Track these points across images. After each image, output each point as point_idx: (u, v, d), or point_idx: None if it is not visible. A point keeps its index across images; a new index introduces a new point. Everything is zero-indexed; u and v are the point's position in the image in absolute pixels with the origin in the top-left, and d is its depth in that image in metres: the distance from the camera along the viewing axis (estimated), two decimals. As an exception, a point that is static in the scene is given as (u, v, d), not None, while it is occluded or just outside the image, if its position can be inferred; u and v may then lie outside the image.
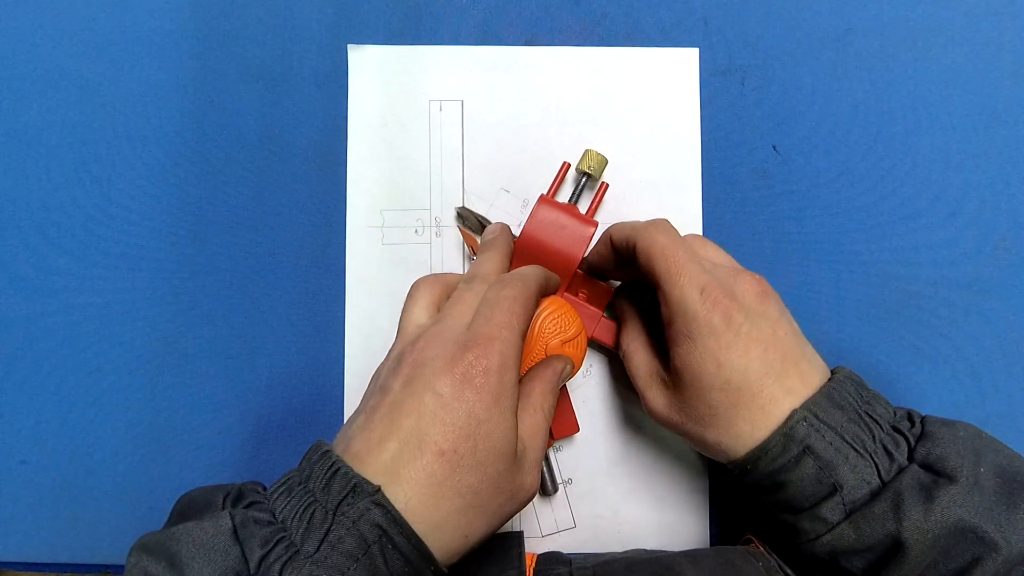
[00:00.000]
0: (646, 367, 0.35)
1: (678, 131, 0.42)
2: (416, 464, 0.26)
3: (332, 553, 0.25)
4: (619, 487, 0.41)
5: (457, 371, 0.27)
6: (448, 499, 0.26)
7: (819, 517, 0.29)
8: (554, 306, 0.36)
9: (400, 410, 0.27)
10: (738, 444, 0.31)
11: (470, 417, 0.27)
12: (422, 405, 0.27)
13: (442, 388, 0.27)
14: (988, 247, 0.41)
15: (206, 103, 0.42)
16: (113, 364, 0.41)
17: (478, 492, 0.27)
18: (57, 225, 0.42)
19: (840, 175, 0.42)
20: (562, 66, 0.42)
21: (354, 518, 0.25)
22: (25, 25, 0.42)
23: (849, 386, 0.31)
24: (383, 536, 0.25)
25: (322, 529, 0.25)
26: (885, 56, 0.42)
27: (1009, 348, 0.41)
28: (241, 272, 0.42)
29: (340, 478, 0.26)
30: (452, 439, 0.26)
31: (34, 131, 0.42)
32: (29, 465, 0.41)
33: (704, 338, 0.30)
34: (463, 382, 0.27)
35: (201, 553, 0.25)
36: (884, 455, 0.29)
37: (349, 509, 0.26)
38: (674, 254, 0.32)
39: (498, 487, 0.28)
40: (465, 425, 0.27)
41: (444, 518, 0.26)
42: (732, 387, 0.30)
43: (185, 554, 0.25)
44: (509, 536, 0.37)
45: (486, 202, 0.42)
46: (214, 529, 0.25)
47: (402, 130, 0.42)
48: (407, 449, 0.26)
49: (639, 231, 0.33)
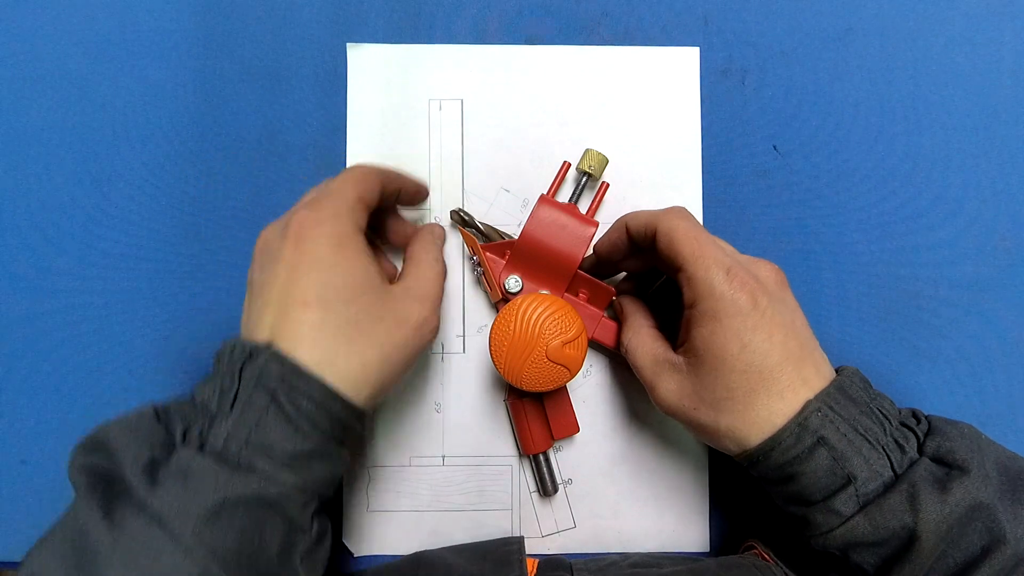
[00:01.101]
0: (653, 356, 0.35)
1: (678, 131, 0.42)
2: (290, 318, 0.29)
3: (246, 410, 0.28)
4: (619, 487, 0.41)
5: (291, 233, 0.31)
6: (328, 336, 0.29)
7: (832, 509, 0.29)
8: (554, 306, 0.36)
9: (267, 284, 0.31)
10: (752, 431, 0.30)
11: (318, 264, 0.30)
12: (277, 274, 0.30)
13: (287, 253, 0.30)
14: (988, 247, 0.41)
15: (206, 103, 0.42)
16: (113, 364, 0.41)
17: (356, 323, 0.30)
18: (57, 225, 0.42)
19: (840, 175, 0.42)
20: (562, 66, 0.42)
21: (256, 375, 0.28)
22: (25, 25, 0.42)
23: (858, 381, 0.31)
24: (283, 383, 0.28)
25: (231, 393, 0.28)
26: (885, 56, 0.42)
27: (1009, 348, 0.41)
28: (241, 272, 0.41)
29: (238, 349, 0.29)
30: (311, 288, 0.29)
31: (34, 131, 0.42)
32: (29, 465, 0.41)
33: (731, 317, 0.31)
34: (298, 240, 0.30)
35: (128, 435, 0.28)
36: (896, 448, 0.30)
37: (250, 370, 0.28)
38: (697, 236, 0.32)
39: (377, 316, 0.31)
40: (317, 273, 0.30)
41: (330, 353, 0.29)
42: (754, 370, 0.30)
43: (114, 440, 0.28)
44: (509, 541, 0.37)
45: (486, 202, 0.42)
46: (137, 415, 0.29)
47: (402, 129, 0.42)
48: (280, 310, 0.30)
49: (659, 216, 0.34)
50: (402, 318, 0.32)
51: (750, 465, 0.32)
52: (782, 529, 0.36)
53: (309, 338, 0.29)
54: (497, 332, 0.36)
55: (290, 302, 0.29)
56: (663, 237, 0.33)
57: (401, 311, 0.32)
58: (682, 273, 0.32)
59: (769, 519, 0.40)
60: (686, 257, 0.32)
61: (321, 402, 0.28)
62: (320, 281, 0.30)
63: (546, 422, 0.39)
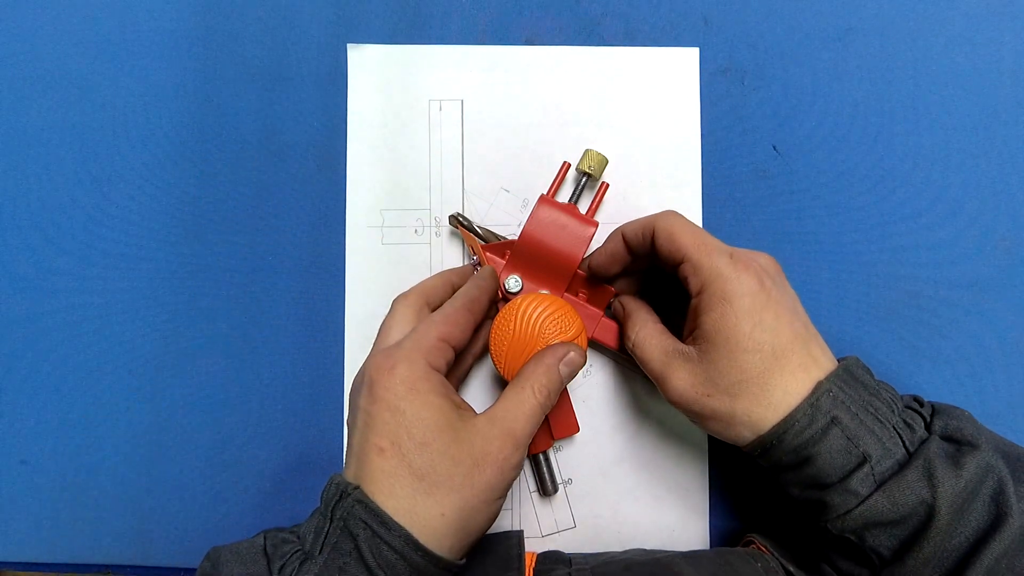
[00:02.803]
0: (662, 348, 0.34)
1: (678, 131, 0.42)
2: (369, 466, 0.29)
3: (332, 553, 0.28)
4: (619, 487, 0.41)
5: (367, 379, 0.31)
6: (406, 484, 0.29)
7: (850, 490, 0.29)
8: (554, 306, 0.36)
9: (351, 430, 0.32)
10: (769, 413, 0.30)
11: (390, 411, 0.30)
12: (356, 420, 0.31)
13: (363, 399, 0.31)
14: (988, 247, 0.41)
15: (206, 103, 0.42)
16: (113, 364, 0.41)
17: (433, 469, 0.29)
18: (57, 225, 0.42)
19: (840, 175, 0.42)
20: (562, 66, 0.42)
21: (344, 517, 0.29)
22: (25, 25, 0.42)
23: (863, 367, 0.32)
24: (366, 528, 0.28)
25: (323, 533, 0.29)
26: (885, 56, 0.42)
27: (1009, 348, 0.41)
28: (241, 272, 0.42)
29: (333, 487, 0.30)
30: (385, 434, 0.30)
31: (34, 131, 0.42)
32: (29, 465, 0.41)
33: (740, 297, 0.31)
34: (373, 386, 0.31)
35: (235, 560, 0.30)
36: (906, 427, 0.30)
37: (339, 511, 0.29)
38: (694, 229, 0.33)
39: (453, 459, 0.30)
40: (390, 419, 0.30)
41: (409, 502, 0.29)
42: (767, 349, 0.30)
43: (224, 560, 0.30)
44: (509, 535, 0.37)
45: (486, 202, 0.42)
46: (249, 544, 0.31)
47: (402, 130, 0.42)
48: (360, 457, 0.30)
49: (655, 217, 0.35)
50: (480, 458, 0.30)
51: (762, 453, 0.31)
52: (782, 525, 0.36)
53: (387, 486, 0.29)
54: (497, 331, 0.36)
55: (367, 448, 0.30)
56: (662, 233, 0.34)
57: (480, 451, 0.30)
58: (686, 264, 0.33)
59: (769, 518, 0.40)
60: (688, 247, 0.32)
61: (402, 551, 0.28)
62: (392, 428, 0.30)
63: (546, 422, 0.39)
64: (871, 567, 0.30)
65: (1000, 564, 0.27)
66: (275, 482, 0.41)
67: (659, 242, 0.34)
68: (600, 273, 0.38)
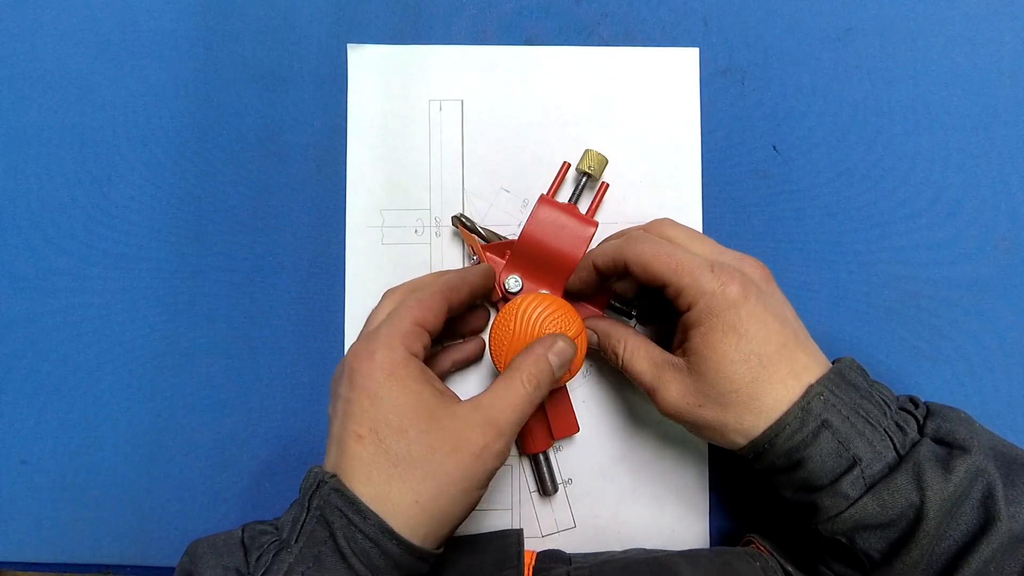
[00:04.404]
0: (651, 360, 0.34)
1: (678, 131, 0.42)
2: (347, 453, 0.30)
3: (308, 541, 0.28)
4: (619, 487, 0.41)
5: (346, 367, 0.31)
6: (383, 470, 0.29)
7: (840, 492, 0.29)
8: (554, 306, 0.36)
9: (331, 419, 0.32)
10: (760, 420, 0.31)
11: (369, 398, 0.30)
12: (336, 409, 0.31)
13: (343, 388, 0.31)
14: (988, 247, 0.41)
15: (206, 103, 0.42)
16: (113, 364, 0.41)
17: (409, 454, 0.29)
18: (57, 225, 0.42)
19: (840, 175, 0.42)
20: (562, 66, 0.42)
21: (320, 506, 0.29)
22: (25, 25, 0.42)
23: (856, 369, 0.32)
24: (342, 516, 0.28)
25: (299, 522, 0.29)
26: (885, 56, 0.42)
27: (1009, 348, 0.41)
28: (241, 272, 0.42)
29: (311, 477, 0.30)
30: (364, 422, 0.30)
31: (34, 131, 0.42)
32: (29, 465, 0.41)
33: (725, 311, 0.31)
34: (353, 374, 0.31)
35: (213, 553, 0.29)
36: (897, 430, 0.30)
37: (316, 500, 0.29)
38: (668, 252, 0.33)
39: (430, 445, 0.29)
40: (369, 407, 0.30)
41: (384, 488, 0.29)
42: (754, 358, 0.31)
43: (200, 557, 0.29)
44: (508, 534, 0.37)
45: (486, 202, 0.42)
46: (227, 537, 0.30)
47: (402, 130, 0.42)
48: (339, 445, 0.30)
49: (623, 247, 0.34)
50: (458, 445, 0.30)
51: (756, 457, 0.32)
52: (781, 527, 0.36)
53: (363, 472, 0.29)
54: (497, 331, 0.36)
55: (345, 436, 0.30)
56: (635, 267, 0.33)
57: (459, 437, 0.30)
58: (668, 288, 0.33)
59: (769, 519, 0.40)
60: (665, 274, 0.32)
61: (376, 539, 0.28)
62: (372, 414, 0.30)
63: (546, 422, 0.39)
64: (862, 570, 0.30)
65: (988, 568, 0.27)
66: (275, 482, 0.41)
67: (634, 273, 0.34)
68: (577, 296, 0.38)
